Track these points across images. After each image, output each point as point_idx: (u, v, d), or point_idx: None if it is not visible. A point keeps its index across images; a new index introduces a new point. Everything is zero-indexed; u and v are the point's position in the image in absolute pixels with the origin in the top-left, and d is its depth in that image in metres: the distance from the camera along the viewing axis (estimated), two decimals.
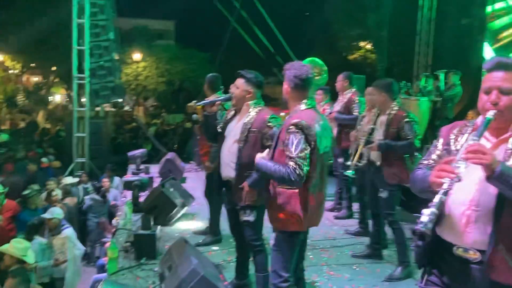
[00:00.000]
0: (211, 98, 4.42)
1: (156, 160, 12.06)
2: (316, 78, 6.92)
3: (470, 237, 2.06)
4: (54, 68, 24.45)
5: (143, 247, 4.75)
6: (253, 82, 3.74)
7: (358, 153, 4.92)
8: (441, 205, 1.96)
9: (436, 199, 1.95)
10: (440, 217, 2.06)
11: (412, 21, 15.01)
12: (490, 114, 2.03)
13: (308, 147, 3.03)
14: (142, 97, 27.56)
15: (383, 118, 4.65)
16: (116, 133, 16.85)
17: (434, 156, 2.32)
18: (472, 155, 1.91)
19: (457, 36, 13.97)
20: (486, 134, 2.10)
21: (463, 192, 2.07)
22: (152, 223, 4.89)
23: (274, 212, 3.20)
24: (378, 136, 4.63)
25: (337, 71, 6.68)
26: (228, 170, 3.82)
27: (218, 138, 3.97)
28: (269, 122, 3.64)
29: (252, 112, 3.72)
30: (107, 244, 7.80)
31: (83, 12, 10.83)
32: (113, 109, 18.40)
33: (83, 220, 8.77)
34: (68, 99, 29.80)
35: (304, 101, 3.20)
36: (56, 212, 6.42)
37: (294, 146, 2.99)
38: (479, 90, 2.15)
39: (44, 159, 10.75)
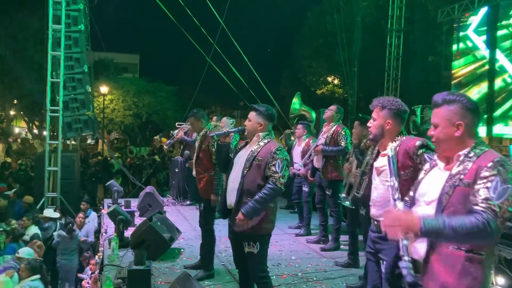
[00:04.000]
0: (225, 129, 4.46)
1: (129, 194, 11.82)
2: None
3: (418, 252, 2.33)
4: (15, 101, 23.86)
5: (137, 283, 4.59)
6: (264, 115, 3.83)
7: (357, 184, 4.98)
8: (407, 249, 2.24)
9: (402, 247, 2.24)
10: None
11: (380, 57, 15.60)
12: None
13: None
14: (106, 130, 27.15)
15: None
16: (82, 167, 16.41)
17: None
18: (389, 229, 2.16)
19: (424, 72, 14.60)
20: (438, 163, 2.38)
21: None
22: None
23: None
24: None
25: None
26: (232, 197, 3.82)
27: (228, 167, 3.98)
28: (275, 153, 3.69)
29: (261, 143, 3.79)
30: (84, 282, 7.53)
31: (58, 44, 10.66)
32: (74, 143, 17.96)
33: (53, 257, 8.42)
34: (28, 132, 29.02)
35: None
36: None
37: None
38: None
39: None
